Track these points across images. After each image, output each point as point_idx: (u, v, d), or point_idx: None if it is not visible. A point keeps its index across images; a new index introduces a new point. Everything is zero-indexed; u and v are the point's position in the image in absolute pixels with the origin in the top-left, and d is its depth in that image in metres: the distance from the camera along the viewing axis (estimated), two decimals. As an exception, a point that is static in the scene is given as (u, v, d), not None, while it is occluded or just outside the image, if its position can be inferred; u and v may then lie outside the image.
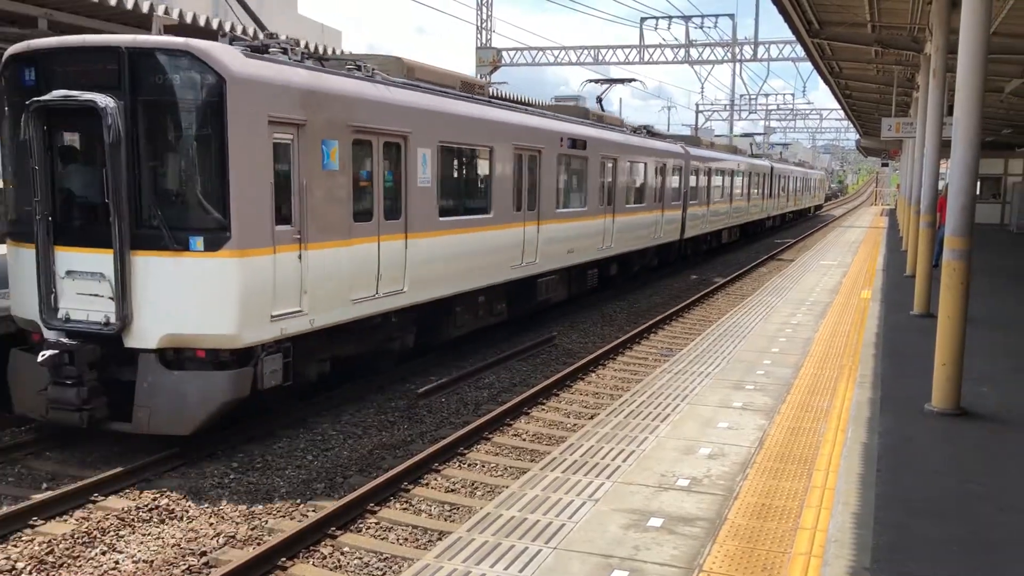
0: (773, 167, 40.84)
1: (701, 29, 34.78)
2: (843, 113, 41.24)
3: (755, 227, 38.63)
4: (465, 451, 8.80)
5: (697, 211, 26.14)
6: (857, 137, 55.79)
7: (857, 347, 10.60)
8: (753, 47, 35.67)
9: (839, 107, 37.12)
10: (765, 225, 41.45)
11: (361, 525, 7.02)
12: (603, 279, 18.82)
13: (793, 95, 74.53)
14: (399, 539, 6.84)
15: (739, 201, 32.89)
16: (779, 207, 43.94)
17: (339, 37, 35.89)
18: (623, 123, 21.36)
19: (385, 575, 6.25)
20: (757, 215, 37.65)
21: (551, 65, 36.17)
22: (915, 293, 12.81)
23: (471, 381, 11.65)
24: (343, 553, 6.54)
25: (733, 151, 34.77)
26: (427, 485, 7.95)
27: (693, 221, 25.67)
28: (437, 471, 8.25)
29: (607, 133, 18.52)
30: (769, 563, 4.84)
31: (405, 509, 7.41)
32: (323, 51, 12.95)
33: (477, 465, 8.53)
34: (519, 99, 21.45)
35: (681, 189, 24.22)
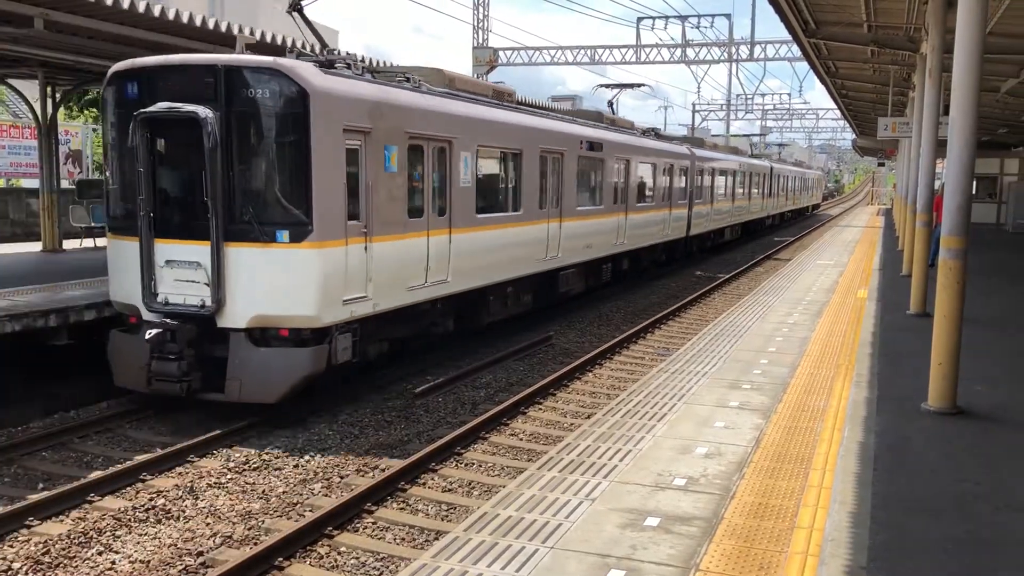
0: (773, 167, 41.61)
1: (697, 29, 34.78)
2: (839, 113, 41.24)
3: (756, 225, 39.49)
4: (462, 451, 8.80)
5: (702, 209, 26.84)
6: (853, 137, 55.76)
7: (853, 346, 10.60)
8: (749, 47, 35.69)
9: (835, 107, 37.11)
10: (765, 223, 42.35)
11: (358, 525, 7.02)
12: (616, 273, 19.74)
13: (789, 95, 74.80)
14: (396, 539, 6.83)
15: (741, 200, 33.65)
16: (778, 206, 44.74)
17: (336, 37, 35.89)
18: (633, 125, 22.26)
19: (382, 575, 6.25)
20: (758, 214, 38.65)
21: (548, 65, 36.20)
22: (911, 292, 12.81)
23: (468, 381, 11.65)
24: (340, 553, 6.54)
25: (734, 151, 35.47)
26: (424, 485, 7.95)
27: (698, 219, 26.42)
28: (434, 471, 8.25)
29: (620, 136, 19.41)
30: (766, 562, 4.84)
31: (402, 509, 7.41)
32: (377, 64, 14.06)
33: (474, 465, 8.52)
34: (542, 105, 22.18)
35: (687, 189, 24.92)
